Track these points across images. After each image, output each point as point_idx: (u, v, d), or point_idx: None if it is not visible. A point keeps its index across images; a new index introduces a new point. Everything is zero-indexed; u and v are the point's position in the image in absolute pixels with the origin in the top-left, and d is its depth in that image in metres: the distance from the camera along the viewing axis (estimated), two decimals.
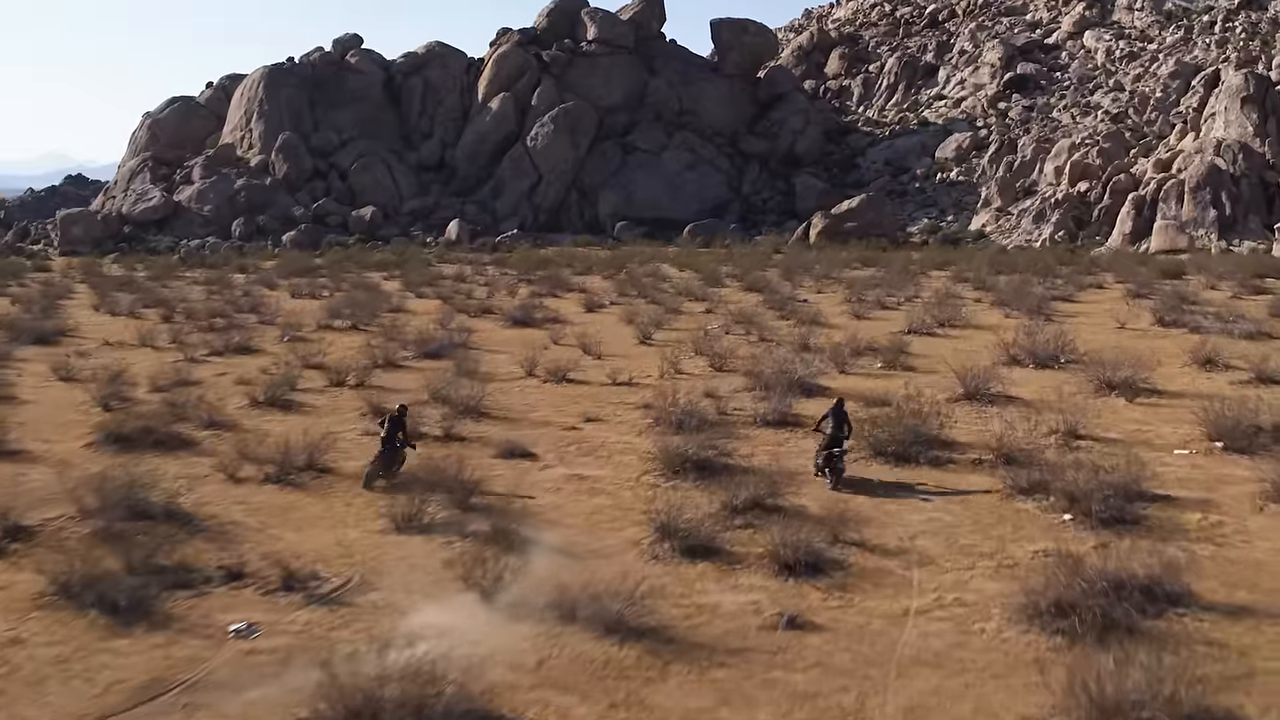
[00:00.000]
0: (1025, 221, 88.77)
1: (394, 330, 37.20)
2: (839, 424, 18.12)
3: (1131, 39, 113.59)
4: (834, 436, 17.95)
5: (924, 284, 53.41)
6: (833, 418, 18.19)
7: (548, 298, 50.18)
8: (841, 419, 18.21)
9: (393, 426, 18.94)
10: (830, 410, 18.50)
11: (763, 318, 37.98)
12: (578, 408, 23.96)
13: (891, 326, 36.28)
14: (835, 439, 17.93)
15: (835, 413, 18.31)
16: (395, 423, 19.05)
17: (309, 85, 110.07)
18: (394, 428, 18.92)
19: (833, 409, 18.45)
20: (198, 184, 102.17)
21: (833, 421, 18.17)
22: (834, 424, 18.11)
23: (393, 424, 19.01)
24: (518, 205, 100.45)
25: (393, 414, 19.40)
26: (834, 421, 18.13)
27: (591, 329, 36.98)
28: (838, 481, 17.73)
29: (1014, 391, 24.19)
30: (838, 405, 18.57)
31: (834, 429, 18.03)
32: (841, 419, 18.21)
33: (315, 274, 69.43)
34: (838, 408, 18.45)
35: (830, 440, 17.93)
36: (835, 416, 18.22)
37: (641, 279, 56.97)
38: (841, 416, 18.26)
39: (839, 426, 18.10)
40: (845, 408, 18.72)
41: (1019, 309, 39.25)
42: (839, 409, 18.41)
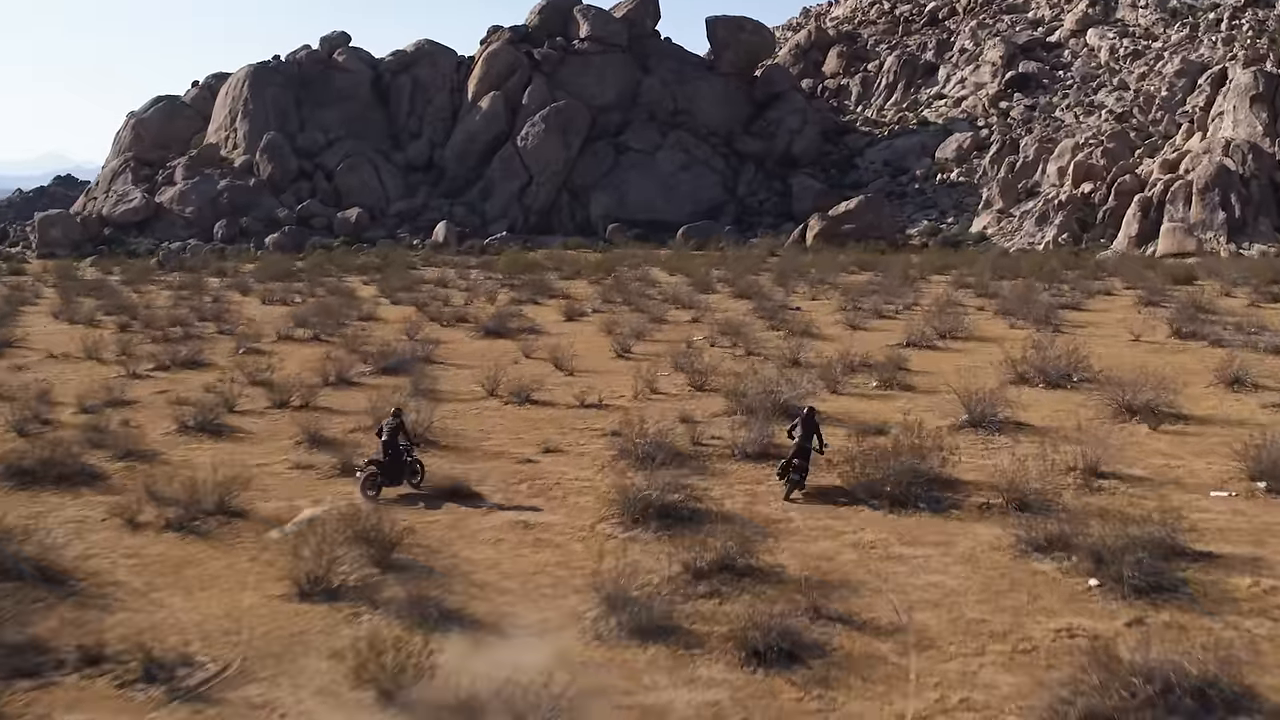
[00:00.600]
0: (1028, 224, 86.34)
1: (357, 341, 34.76)
2: (808, 433, 17.69)
3: (1135, 37, 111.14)
4: (800, 446, 17.54)
5: (924, 290, 50.97)
6: (802, 426, 17.75)
7: (528, 305, 47.75)
8: (811, 428, 17.75)
9: (392, 434, 17.79)
10: (800, 418, 18.00)
11: (751, 328, 35.52)
12: (537, 435, 21.49)
13: (889, 338, 33.82)
14: (802, 448, 17.52)
15: (805, 421, 17.80)
16: (394, 429, 17.88)
17: (295, 84, 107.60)
18: (394, 434, 17.81)
19: (803, 417, 17.94)
20: (180, 185, 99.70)
21: (802, 430, 17.71)
22: (803, 433, 17.66)
23: (391, 431, 17.83)
24: (507, 207, 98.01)
25: (387, 420, 18.18)
26: (803, 430, 17.68)
27: (567, 341, 34.53)
28: (790, 493, 17.32)
29: (1024, 416, 21.71)
30: (808, 414, 18.05)
31: (802, 438, 17.61)
32: (811, 428, 17.75)
33: (293, 278, 67.01)
34: (808, 417, 17.94)
35: (796, 449, 17.57)
36: (805, 425, 17.73)
37: (628, 284, 54.52)
38: (811, 426, 17.78)
39: (807, 436, 17.67)
40: (816, 417, 18.21)
41: (1025, 319, 36.78)
42: (809, 418, 17.90)
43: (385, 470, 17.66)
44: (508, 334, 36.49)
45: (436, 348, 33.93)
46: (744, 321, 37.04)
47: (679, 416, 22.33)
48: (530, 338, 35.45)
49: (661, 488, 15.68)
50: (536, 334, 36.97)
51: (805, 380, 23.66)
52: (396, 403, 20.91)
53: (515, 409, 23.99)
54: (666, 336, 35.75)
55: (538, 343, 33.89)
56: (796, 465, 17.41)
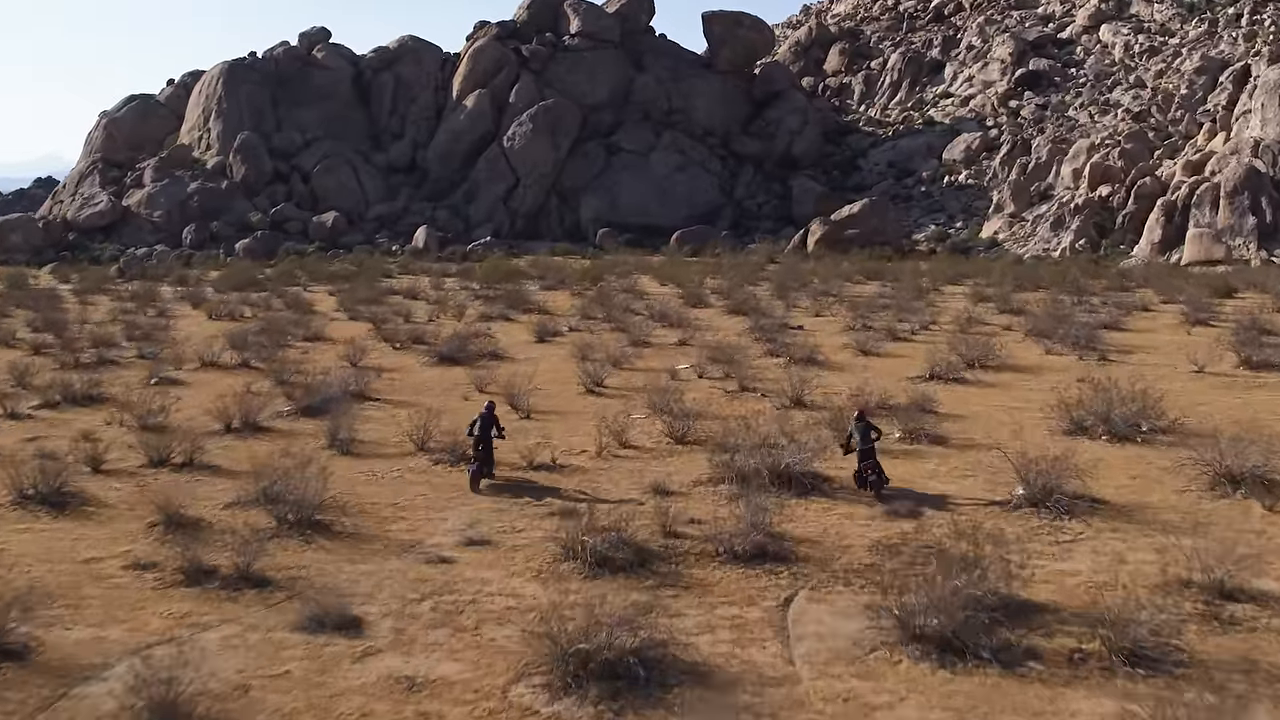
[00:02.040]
0: (1042, 229, 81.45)
1: (289, 370, 29.85)
2: (865, 436, 17.40)
3: (1151, 33, 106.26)
4: (865, 450, 17.25)
5: (939, 304, 46.04)
6: (859, 434, 17.42)
7: (498, 321, 42.81)
8: (868, 429, 17.49)
9: (485, 426, 18.35)
10: (853, 427, 17.71)
11: (746, 354, 30.62)
12: (463, 515, 16.54)
13: (907, 367, 28.89)
14: (867, 451, 17.25)
15: (860, 425, 17.53)
16: (487, 421, 18.43)
17: (272, 82, 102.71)
18: (486, 427, 18.36)
19: (855, 425, 17.65)
20: (148, 188, 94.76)
21: (859, 438, 17.37)
22: (861, 439, 17.35)
23: (485, 424, 18.38)
24: (493, 210, 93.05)
25: (482, 414, 18.60)
26: (860, 438, 17.36)
27: (532, 369, 29.62)
28: (879, 489, 16.92)
29: (1096, 488, 16.76)
30: (859, 418, 17.81)
31: (862, 442, 17.31)
32: (868, 429, 17.49)
33: (257, 288, 62.16)
34: (860, 419, 17.75)
35: (864, 454, 17.28)
36: (861, 430, 17.44)
37: (613, 297, 49.59)
38: (868, 427, 17.53)
39: (865, 437, 17.37)
40: (868, 416, 18.18)
41: (1062, 342, 31.86)
42: (861, 420, 17.68)
43: (483, 462, 18.16)
44: (465, 360, 31.52)
45: (378, 378, 29.01)
46: (738, 345, 32.11)
47: (650, 484, 17.40)
48: (489, 366, 30.49)
49: (609, 632, 10.69)
50: (498, 360, 32.01)
51: (810, 438, 18.62)
52: (228, 496, 16.21)
53: (446, 471, 19.02)
54: (648, 363, 30.82)
55: (497, 372, 28.96)
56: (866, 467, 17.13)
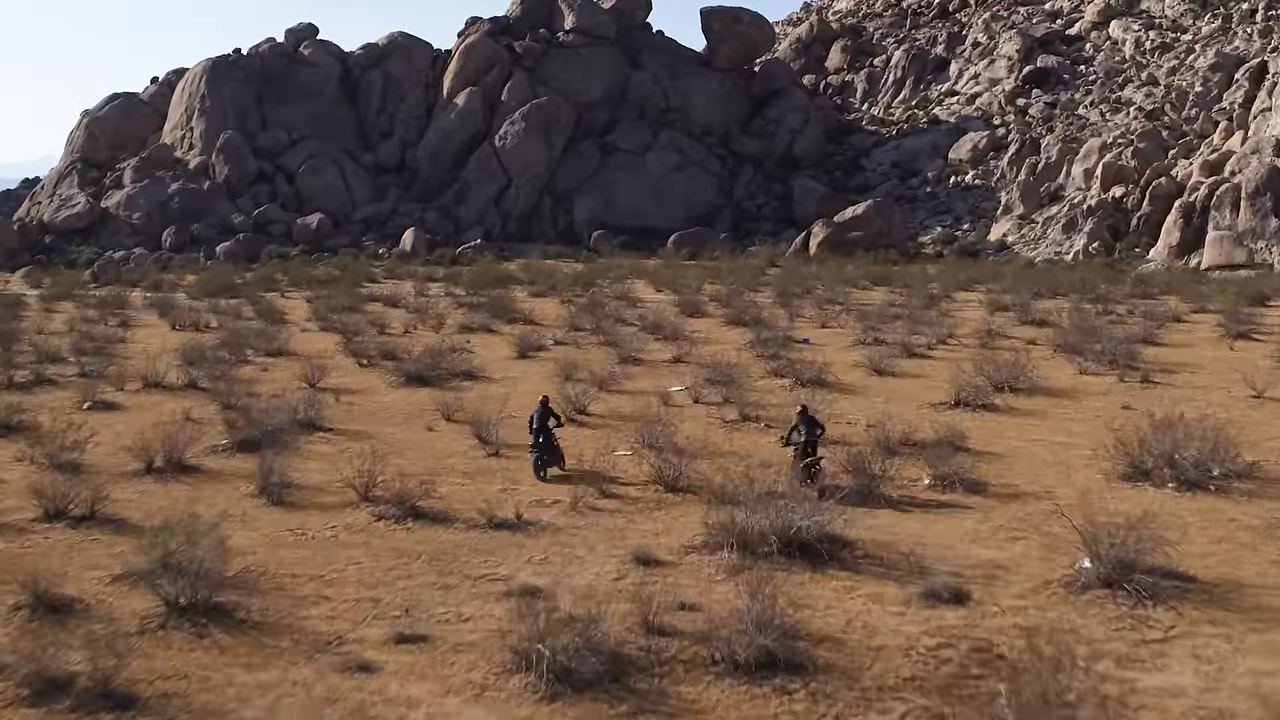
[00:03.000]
0: (1053, 231, 78.42)
1: (238, 393, 26.76)
2: (810, 428, 17.59)
3: (1163, 29, 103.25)
4: (809, 442, 17.46)
5: (954, 313, 42.96)
6: (803, 425, 17.61)
7: (479, 333, 39.70)
8: (812, 422, 17.71)
9: (542, 420, 18.72)
10: (797, 420, 17.86)
11: (748, 374, 27.54)
12: (401, 591, 13.45)
13: (928, 390, 25.81)
14: (810, 443, 17.46)
15: (804, 419, 17.72)
16: (543, 415, 18.79)
17: (257, 79, 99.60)
18: (544, 419, 18.73)
19: (800, 417, 17.85)
20: (128, 189, 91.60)
21: (804, 429, 17.57)
22: (806, 429, 17.55)
23: (542, 417, 18.75)
24: (484, 212, 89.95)
25: (537, 409, 18.98)
26: (805, 428, 17.57)
27: (507, 392, 26.55)
28: (822, 490, 16.41)
29: (1179, 557, 13.64)
30: (803, 412, 18.01)
31: (808, 433, 17.51)
32: (812, 422, 17.71)
33: (232, 294, 59.10)
34: (804, 414, 17.91)
35: (806, 447, 17.44)
36: (805, 423, 17.65)
37: (604, 305, 46.51)
38: (811, 421, 17.74)
39: (811, 431, 17.55)
40: (811, 411, 18.23)
41: (1097, 360, 28.77)
42: (805, 414, 17.89)
43: (544, 453, 18.55)
44: (435, 380, 28.40)
45: (335, 403, 25.91)
46: (738, 363, 29.03)
47: (633, 551, 14.31)
48: (461, 388, 27.39)
49: None
50: (472, 380, 28.89)
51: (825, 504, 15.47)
52: (108, 572, 13.20)
53: (389, 529, 15.90)
54: (638, 384, 27.72)
55: (468, 395, 25.88)
56: (810, 462, 17.17)
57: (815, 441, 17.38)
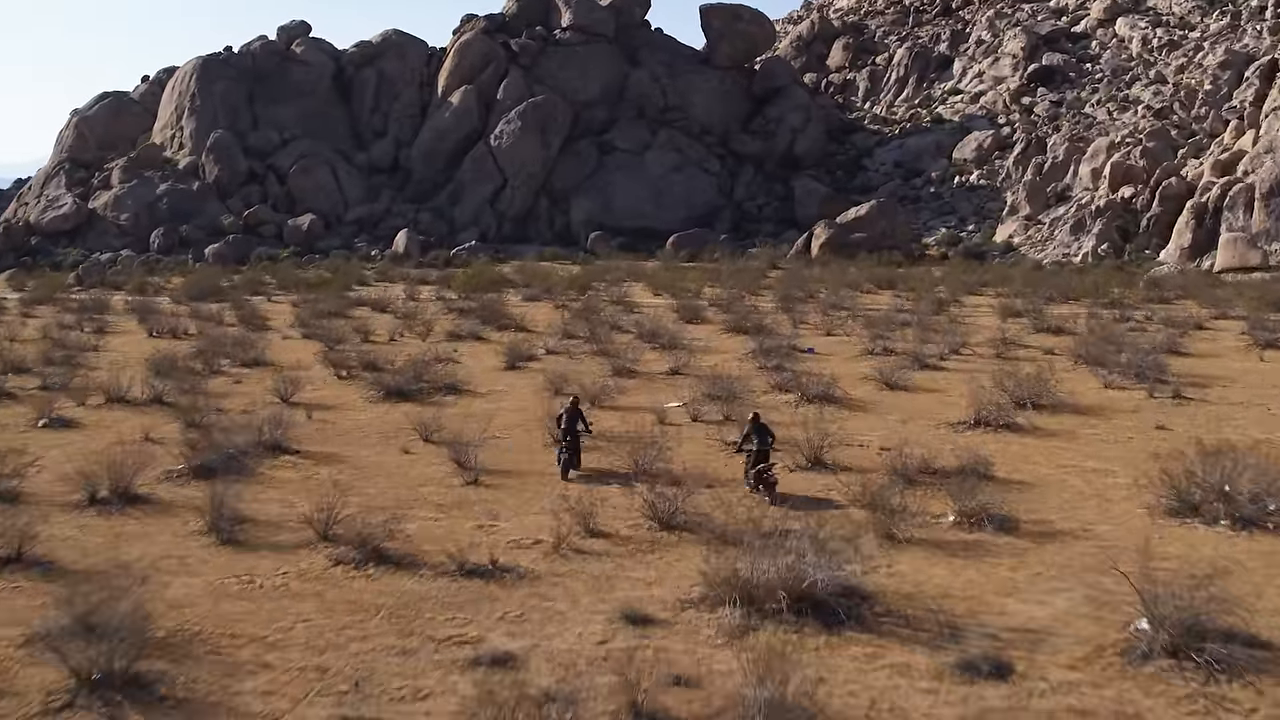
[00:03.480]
0: (1061, 232, 76.61)
1: (205, 409, 24.97)
2: (762, 436, 17.83)
3: (1170, 26, 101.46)
4: (761, 450, 17.66)
5: (964, 319, 41.16)
6: (754, 433, 17.87)
7: (468, 341, 37.89)
8: (763, 430, 17.92)
9: (570, 420, 19.14)
10: (749, 427, 18.11)
11: (750, 387, 25.75)
12: (351, 660, 11.65)
13: (944, 407, 24.01)
14: (763, 452, 17.66)
15: (755, 427, 17.94)
16: (572, 416, 19.22)
17: (248, 78, 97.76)
18: (572, 421, 19.13)
19: (751, 424, 18.10)
20: (115, 189, 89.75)
21: (755, 437, 17.81)
22: (757, 437, 17.79)
23: (570, 419, 19.17)
24: (479, 213, 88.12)
25: (567, 409, 19.40)
26: (756, 436, 17.81)
27: (492, 408, 24.77)
28: (774, 496, 17.04)
29: (1253, 616, 11.84)
30: (755, 420, 18.23)
31: (759, 441, 17.73)
32: (763, 430, 17.92)
33: (218, 297, 57.33)
34: (755, 421, 18.13)
35: (758, 455, 17.64)
36: (757, 431, 17.88)
37: (599, 311, 44.72)
38: (762, 429, 17.94)
39: (762, 439, 17.78)
40: (763, 419, 18.37)
41: (1122, 373, 26.98)
42: (757, 422, 18.10)
43: (572, 452, 18.97)
44: (417, 395, 26.59)
45: (307, 421, 24.11)
46: (739, 375, 27.23)
47: (621, 607, 12.51)
48: (444, 403, 25.60)
49: None
50: (456, 394, 27.07)
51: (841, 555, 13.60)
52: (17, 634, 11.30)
53: (347, 576, 14.08)
54: (633, 399, 25.91)
55: (450, 412, 24.09)
56: (763, 468, 17.34)
57: (766, 450, 17.60)
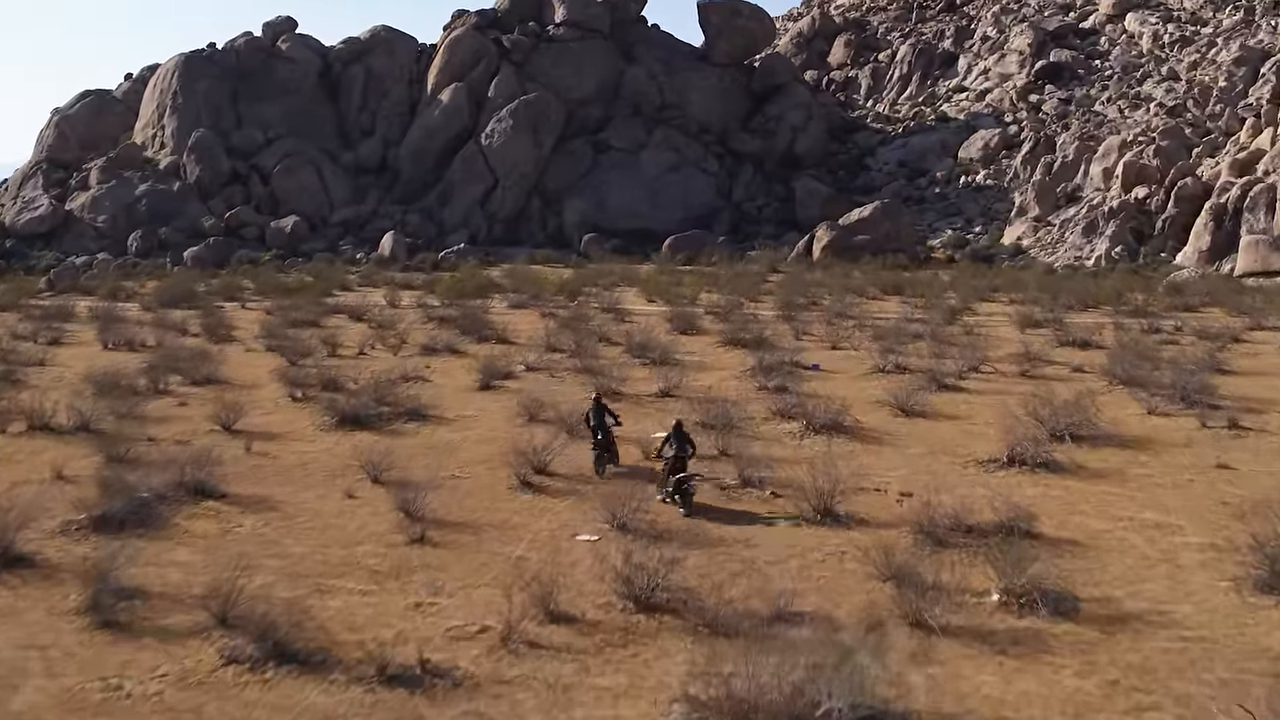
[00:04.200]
0: (1073, 234, 73.69)
1: (135, 438, 22.06)
2: (681, 444, 17.66)
3: (1181, 21, 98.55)
4: (679, 458, 17.42)
5: (979, 329, 38.23)
6: (674, 441, 17.73)
7: (443, 355, 34.94)
8: (683, 439, 17.78)
9: (598, 416, 19.09)
10: (670, 435, 18.01)
11: (748, 413, 22.84)
12: None
13: (970, 438, 21.09)
14: (680, 460, 17.39)
15: (676, 435, 17.83)
16: (599, 412, 19.15)
17: (232, 76, 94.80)
18: (599, 416, 19.08)
19: (673, 432, 17.97)
20: (93, 190, 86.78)
21: (675, 444, 17.68)
22: (676, 445, 17.62)
23: (598, 414, 19.11)
24: (469, 214, 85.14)
25: (592, 406, 19.46)
26: (676, 443, 17.65)
27: (457, 439, 21.86)
28: (690, 508, 16.95)
29: None
30: (677, 428, 18.08)
31: (678, 449, 17.51)
32: (683, 439, 17.78)
33: (191, 303, 54.45)
34: (677, 429, 17.98)
35: (676, 463, 17.38)
36: (677, 438, 17.75)
37: (589, 319, 41.81)
38: (683, 437, 17.81)
39: (681, 447, 17.58)
40: (685, 428, 18.20)
41: (1166, 396, 24.07)
42: (679, 430, 17.95)
43: (605, 449, 19.11)
44: (374, 422, 23.66)
45: (245, 454, 21.20)
46: (737, 398, 24.31)
47: None
48: (404, 432, 22.68)
49: None
50: (420, 420, 24.13)
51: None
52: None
53: (238, 682, 11.17)
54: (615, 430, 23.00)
55: (409, 444, 21.17)
56: (683, 478, 17.04)
57: (684, 459, 17.31)
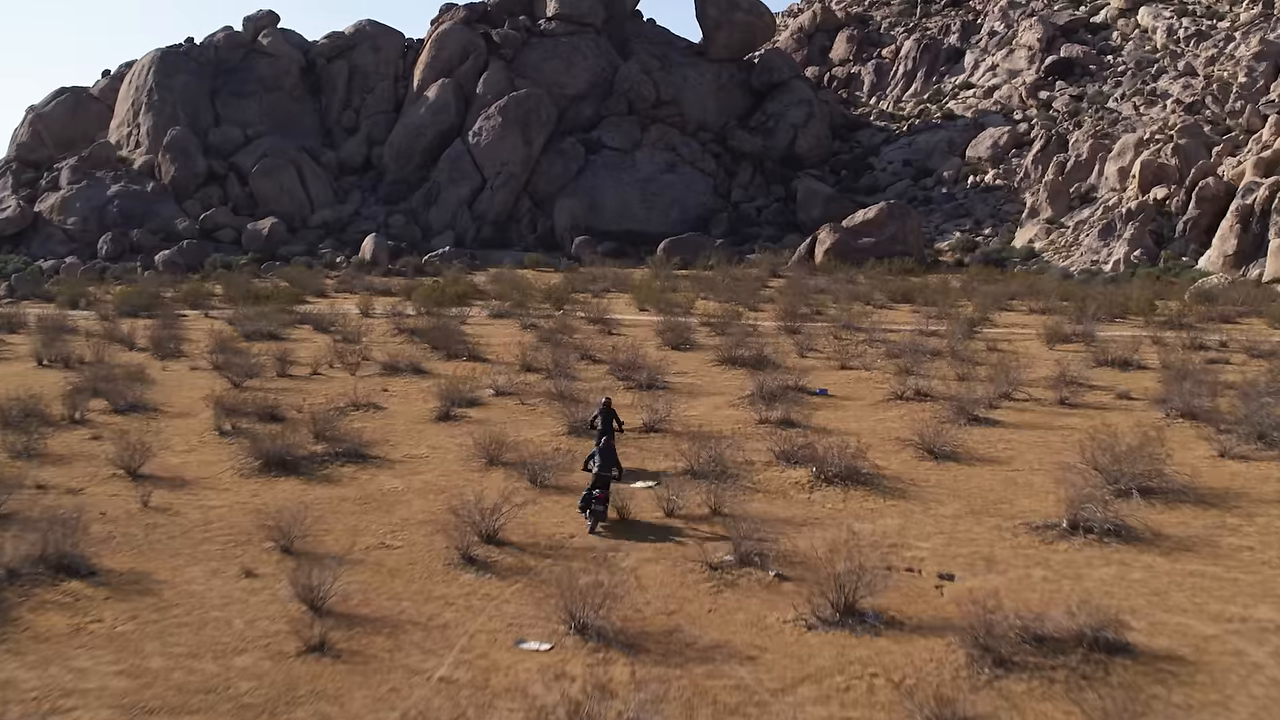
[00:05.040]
0: (1088, 237, 70.01)
1: (9, 486, 18.41)
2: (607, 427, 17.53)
3: (1197, 15, 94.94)
4: (602, 476, 16.14)
5: (1003, 345, 34.55)
6: (602, 419, 17.86)
7: (405, 375, 31.22)
8: (610, 417, 17.83)
9: (605, 419, 18.34)
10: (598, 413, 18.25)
11: (746, 454, 19.17)
12: None
13: (1016, 492, 17.41)
14: (604, 479, 16.12)
15: (604, 415, 18.03)
16: (608, 415, 18.44)
17: (210, 71, 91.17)
18: (607, 421, 18.33)
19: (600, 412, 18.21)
20: (63, 191, 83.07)
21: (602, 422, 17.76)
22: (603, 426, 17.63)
23: (605, 418, 18.38)
24: (455, 216, 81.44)
25: (602, 410, 18.59)
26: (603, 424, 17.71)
27: (399, 485, 18.18)
28: (594, 525, 15.99)
29: None
30: (606, 405, 18.26)
31: (601, 466, 16.34)
32: (610, 417, 17.83)
33: (155, 312, 50.76)
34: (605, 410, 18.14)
35: (599, 480, 16.08)
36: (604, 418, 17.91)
37: (573, 333, 38.12)
38: (610, 417, 17.88)
39: (607, 465, 16.41)
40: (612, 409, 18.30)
41: (1242, 434, 20.38)
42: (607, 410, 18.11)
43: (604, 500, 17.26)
44: (304, 467, 19.95)
45: (141, 509, 17.52)
46: (734, 435, 20.61)
47: None
48: (338, 478, 18.98)
49: None
50: (360, 463, 20.41)
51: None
52: None
53: None
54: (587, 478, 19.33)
55: (340, 495, 17.49)
56: (599, 496, 16.23)
57: (608, 477, 16.17)
